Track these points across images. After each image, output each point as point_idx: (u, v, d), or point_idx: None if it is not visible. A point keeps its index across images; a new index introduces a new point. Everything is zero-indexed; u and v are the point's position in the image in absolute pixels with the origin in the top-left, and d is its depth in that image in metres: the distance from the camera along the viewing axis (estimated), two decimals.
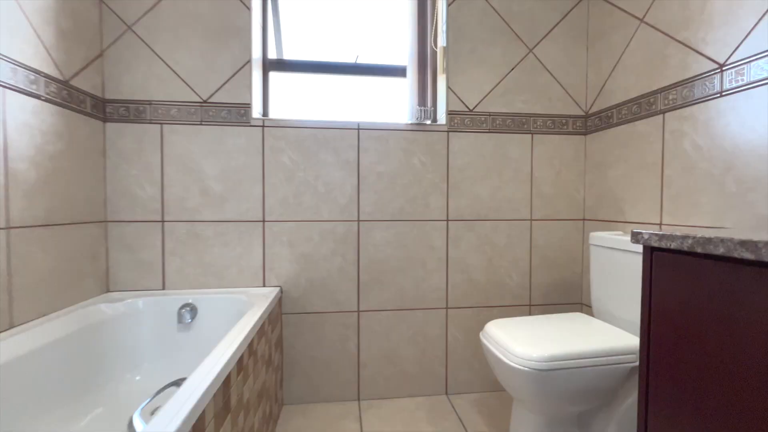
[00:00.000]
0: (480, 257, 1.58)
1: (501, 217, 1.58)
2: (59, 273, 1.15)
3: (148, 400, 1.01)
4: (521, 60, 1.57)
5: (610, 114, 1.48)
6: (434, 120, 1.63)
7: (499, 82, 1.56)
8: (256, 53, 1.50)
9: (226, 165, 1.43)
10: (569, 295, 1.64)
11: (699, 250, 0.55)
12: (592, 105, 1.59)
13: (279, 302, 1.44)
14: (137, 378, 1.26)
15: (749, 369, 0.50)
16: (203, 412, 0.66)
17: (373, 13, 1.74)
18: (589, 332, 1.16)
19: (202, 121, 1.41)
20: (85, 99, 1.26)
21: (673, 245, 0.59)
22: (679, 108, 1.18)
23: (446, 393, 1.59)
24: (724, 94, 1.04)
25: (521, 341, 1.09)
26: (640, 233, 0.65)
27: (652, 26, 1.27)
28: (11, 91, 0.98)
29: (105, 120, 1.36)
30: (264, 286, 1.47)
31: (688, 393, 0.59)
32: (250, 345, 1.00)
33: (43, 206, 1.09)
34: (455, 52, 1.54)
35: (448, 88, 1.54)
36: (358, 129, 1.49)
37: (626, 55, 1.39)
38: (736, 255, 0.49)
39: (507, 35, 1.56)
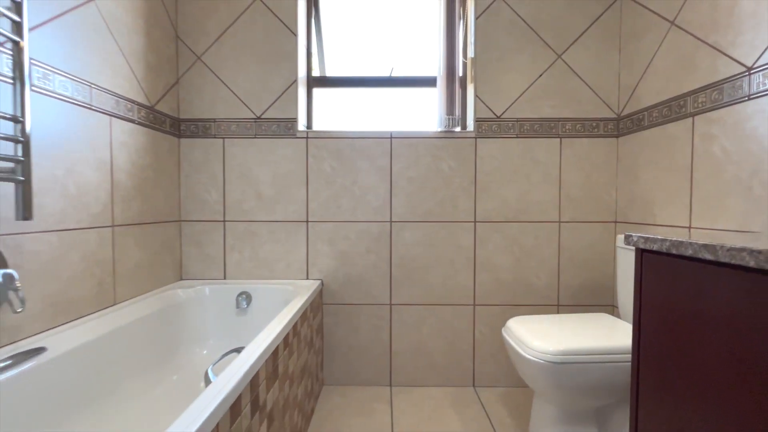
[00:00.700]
0: (507, 257, 1.65)
1: (528, 219, 1.64)
2: (146, 263, 1.42)
3: (217, 360, 1.23)
4: (549, 66, 1.61)
5: (641, 117, 1.48)
6: (464, 127, 1.72)
7: (526, 89, 1.62)
8: (302, 73, 1.69)
9: (275, 172, 1.64)
10: (599, 297, 1.65)
11: (674, 251, 0.61)
12: (624, 107, 1.59)
13: (320, 293, 1.62)
14: (204, 352, 1.50)
15: (713, 359, 0.56)
16: (257, 372, 0.83)
17: (406, 28, 1.87)
18: (610, 331, 1.20)
19: (256, 135, 1.63)
20: (165, 120, 1.53)
21: (655, 247, 0.66)
22: (708, 111, 1.17)
23: (473, 385, 1.67)
24: (752, 97, 1.04)
25: (539, 336, 1.16)
26: (631, 236, 0.72)
27: (683, 28, 1.27)
28: (115, 119, 1.25)
29: (180, 136, 1.63)
30: (307, 278, 1.66)
31: (668, 384, 0.65)
32: (294, 326, 1.18)
33: (134, 208, 1.35)
34: (483, 62, 1.62)
35: (476, 96, 1.63)
36: (391, 138, 1.63)
37: (657, 58, 1.39)
38: (700, 256, 0.56)
39: (535, 43, 1.61)
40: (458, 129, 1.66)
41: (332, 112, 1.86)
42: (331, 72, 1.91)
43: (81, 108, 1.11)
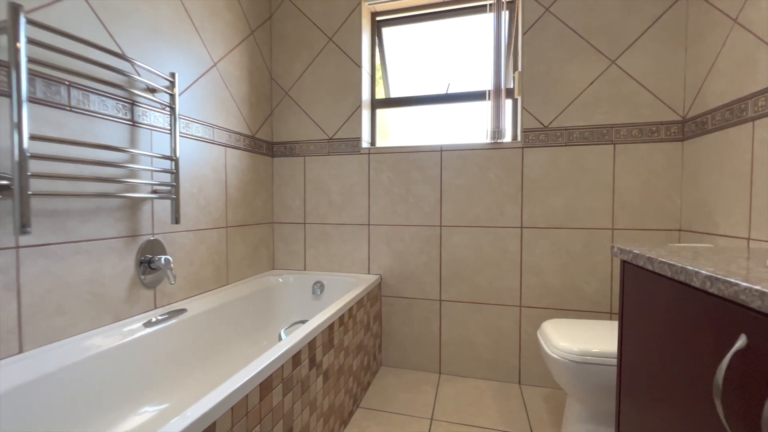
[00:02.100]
0: (554, 262, 1.69)
1: (577, 226, 1.66)
2: (248, 255, 1.87)
3: (288, 326, 1.62)
4: (601, 73, 1.61)
5: (704, 120, 1.40)
6: (514, 137, 1.81)
7: (575, 98, 1.64)
8: (365, 97, 1.99)
9: (343, 183, 1.96)
10: None
11: (634, 262, 0.71)
12: (689, 110, 1.50)
13: (379, 286, 1.90)
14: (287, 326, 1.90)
15: (659, 361, 0.66)
16: (315, 338, 1.14)
17: (461, 46, 2.02)
18: None
19: (328, 153, 1.98)
20: (263, 144, 1.98)
21: (626, 258, 0.75)
22: (767, 116, 1.10)
23: (519, 383, 1.76)
24: None
25: (566, 337, 1.25)
26: (613, 247, 0.82)
27: (745, 27, 1.20)
28: (228, 148, 1.70)
29: (273, 156, 2.07)
30: (369, 273, 1.95)
31: (639, 385, 0.75)
32: (350, 310, 1.47)
33: (241, 214, 1.80)
34: (530, 75, 1.70)
35: (523, 108, 1.71)
36: (441, 151, 1.82)
37: (721, 58, 1.32)
38: (646, 267, 0.66)
39: (585, 51, 1.63)
40: (505, 140, 1.76)
41: (396, 127, 2.11)
42: (395, 92, 2.17)
43: (207, 143, 1.56)
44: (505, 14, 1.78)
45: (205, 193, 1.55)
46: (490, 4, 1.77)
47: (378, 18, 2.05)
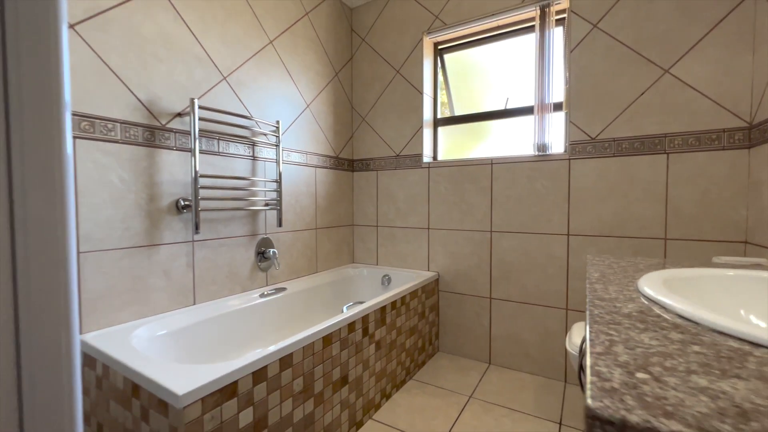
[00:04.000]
0: None
1: (626, 235, 1.69)
2: (332, 251, 2.37)
3: (350, 304, 2.04)
4: (653, 83, 1.61)
5: (765, 127, 1.33)
6: (565, 150, 1.91)
7: (624, 110, 1.67)
8: (427, 116, 2.29)
9: (407, 193, 2.31)
10: None
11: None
12: (755, 115, 1.42)
13: (436, 282, 2.20)
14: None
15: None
16: (368, 315, 1.52)
17: (518, 63, 2.17)
18: None
19: (396, 167, 2.36)
20: (344, 162, 2.46)
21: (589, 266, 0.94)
22: None
23: (565, 381, 1.86)
24: None
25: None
26: (591, 259, 0.99)
27: None
28: (318, 168, 2.21)
29: (353, 171, 2.54)
30: (428, 270, 2.26)
31: None
32: (402, 298, 1.82)
33: (327, 218, 2.31)
34: (577, 90, 1.78)
35: (570, 122, 1.80)
36: (491, 164, 2.02)
37: None
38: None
39: (636, 62, 1.65)
40: (553, 152, 1.87)
41: (450, 142, 2.37)
42: (458, 108, 2.42)
43: (302, 167, 2.09)
44: (555, 31, 1.89)
45: (300, 203, 2.09)
46: (539, 24, 1.90)
47: (440, 47, 2.33)
